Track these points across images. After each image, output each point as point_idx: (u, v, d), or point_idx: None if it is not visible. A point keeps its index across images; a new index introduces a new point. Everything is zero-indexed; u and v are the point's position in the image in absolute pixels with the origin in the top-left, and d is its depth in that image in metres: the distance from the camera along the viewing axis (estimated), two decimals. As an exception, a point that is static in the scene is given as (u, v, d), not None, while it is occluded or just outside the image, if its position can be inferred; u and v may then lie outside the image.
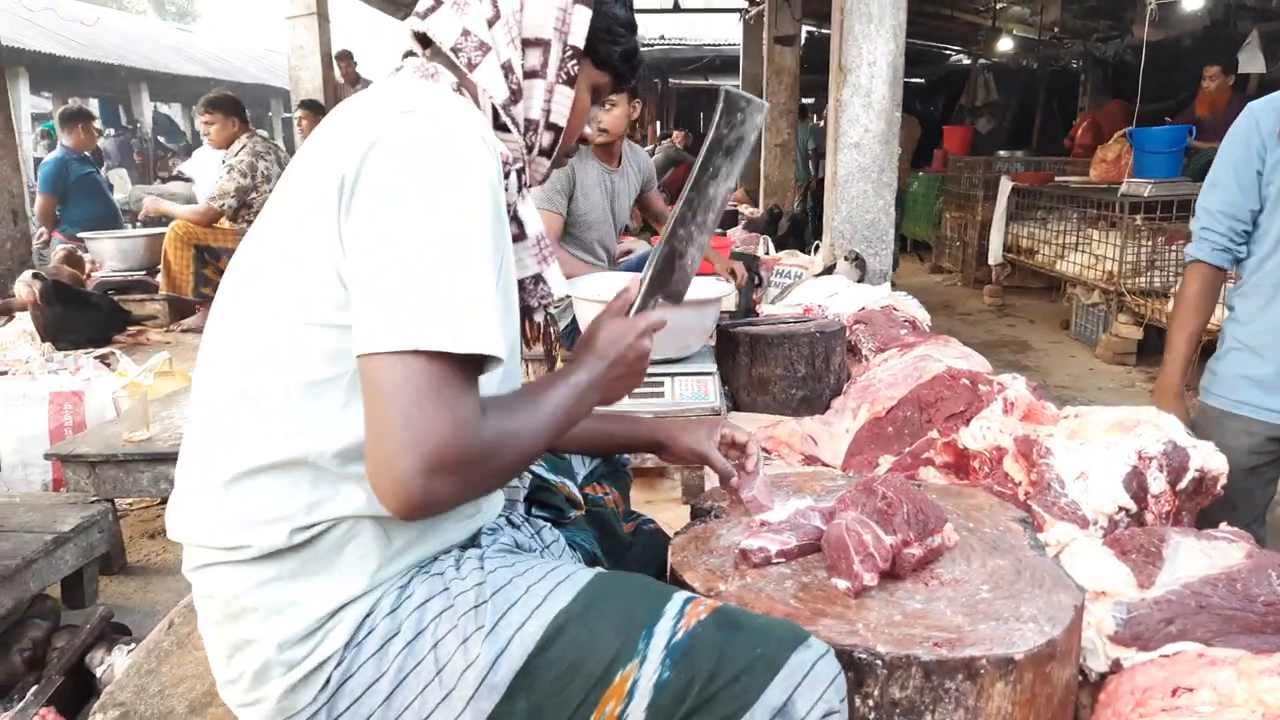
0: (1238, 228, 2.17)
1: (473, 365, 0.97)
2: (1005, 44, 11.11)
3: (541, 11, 1.17)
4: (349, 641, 1.03)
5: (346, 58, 8.94)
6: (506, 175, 1.16)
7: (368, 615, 1.04)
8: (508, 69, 1.17)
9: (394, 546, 1.07)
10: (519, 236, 1.26)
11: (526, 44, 1.18)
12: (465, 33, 1.16)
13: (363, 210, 0.97)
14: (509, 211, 1.21)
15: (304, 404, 1.01)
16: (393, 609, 1.05)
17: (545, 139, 1.24)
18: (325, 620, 1.03)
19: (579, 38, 1.19)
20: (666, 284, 1.34)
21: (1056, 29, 10.43)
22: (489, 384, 1.12)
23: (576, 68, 1.21)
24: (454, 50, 1.17)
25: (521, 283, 1.28)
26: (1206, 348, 2.40)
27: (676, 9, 12.64)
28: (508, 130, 1.20)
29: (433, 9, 1.19)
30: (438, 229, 0.95)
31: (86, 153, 6.65)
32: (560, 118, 1.23)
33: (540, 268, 1.29)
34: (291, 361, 1.02)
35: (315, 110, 7.38)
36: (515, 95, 1.19)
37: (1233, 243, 2.18)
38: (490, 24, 1.17)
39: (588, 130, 1.30)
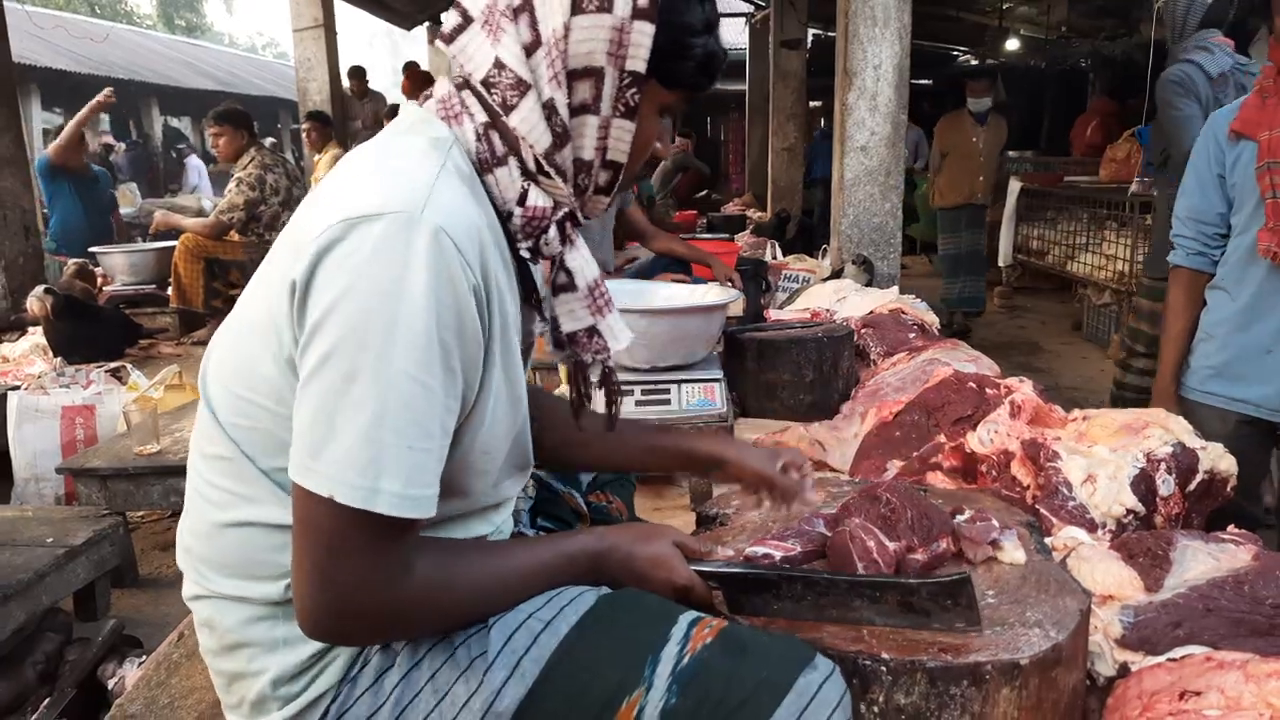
0: (1207, 230, 2.29)
1: (389, 522, 0.90)
2: (1012, 44, 11.08)
3: (592, 35, 0.97)
4: (344, 676, 1.03)
5: (358, 75, 9.01)
6: (545, 229, 1.06)
7: (363, 649, 1.03)
8: (550, 109, 0.99)
9: None
10: (567, 286, 1.13)
11: (574, 76, 0.99)
12: (499, 65, 0.99)
13: (307, 328, 0.90)
14: (556, 261, 1.11)
15: (280, 483, 0.98)
16: (385, 643, 1.04)
17: (602, 178, 1.06)
18: (320, 656, 1.03)
19: (639, 61, 0.99)
20: (742, 592, 1.17)
21: (1064, 28, 10.40)
22: (489, 468, 1.06)
23: (638, 96, 1.01)
24: (486, 85, 1.01)
25: (574, 335, 1.17)
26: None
27: (682, 15, 12.65)
28: (551, 176, 1.04)
29: (461, 28, 1.02)
30: (367, 371, 0.87)
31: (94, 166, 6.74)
32: (619, 154, 1.04)
33: (594, 319, 1.16)
34: (267, 442, 0.99)
35: (323, 122, 7.43)
36: (561, 139, 1.01)
37: (1207, 246, 2.30)
38: (529, 51, 0.98)
39: (658, 146, 1.16)
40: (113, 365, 3.81)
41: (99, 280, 5.58)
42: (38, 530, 2.56)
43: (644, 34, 0.98)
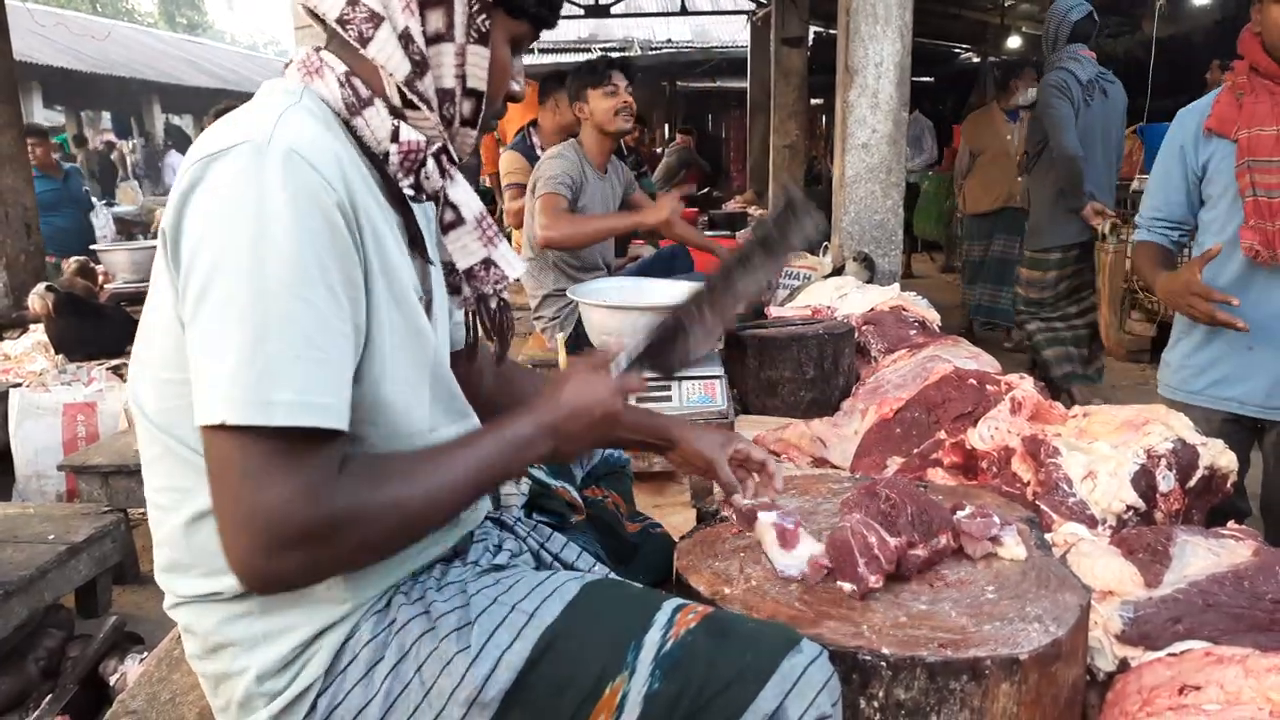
0: (1172, 233, 2.32)
1: (298, 436, 0.89)
2: (1014, 41, 11.06)
3: None
4: (330, 668, 1.03)
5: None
6: (423, 162, 1.08)
7: (347, 640, 1.03)
8: (406, 38, 1.04)
9: (364, 570, 1.04)
10: (455, 222, 1.17)
11: (425, 5, 1.04)
12: (352, 2, 1.03)
13: (181, 270, 0.92)
14: (439, 198, 1.14)
15: None
16: (374, 635, 1.04)
17: (466, 107, 1.11)
18: (302, 649, 1.03)
19: None
20: (661, 356, 1.26)
21: (1065, 26, 10.37)
22: (414, 403, 1.06)
23: (488, 23, 1.07)
24: (341, 23, 1.03)
25: (471, 270, 1.20)
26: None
27: (684, 12, 12.66)
28: (418, 108, 1.07)
29: None
30: (242, 293, 0.88)
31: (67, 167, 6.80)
32: (479, 81, 1.09)
33: (488, 250, 1.20)
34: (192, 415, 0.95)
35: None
36: (420, 67, 1.05)
37: (1171, 233, 2.33)
38: None
39: (515, 87, 1.16)
40: (114, 362, 3.82)
41: (100, 278, 5.59)
42: (39, 527, 2.56)
43: None
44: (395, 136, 1.05)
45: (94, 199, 8.02)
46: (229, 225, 0.89)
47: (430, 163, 1.09)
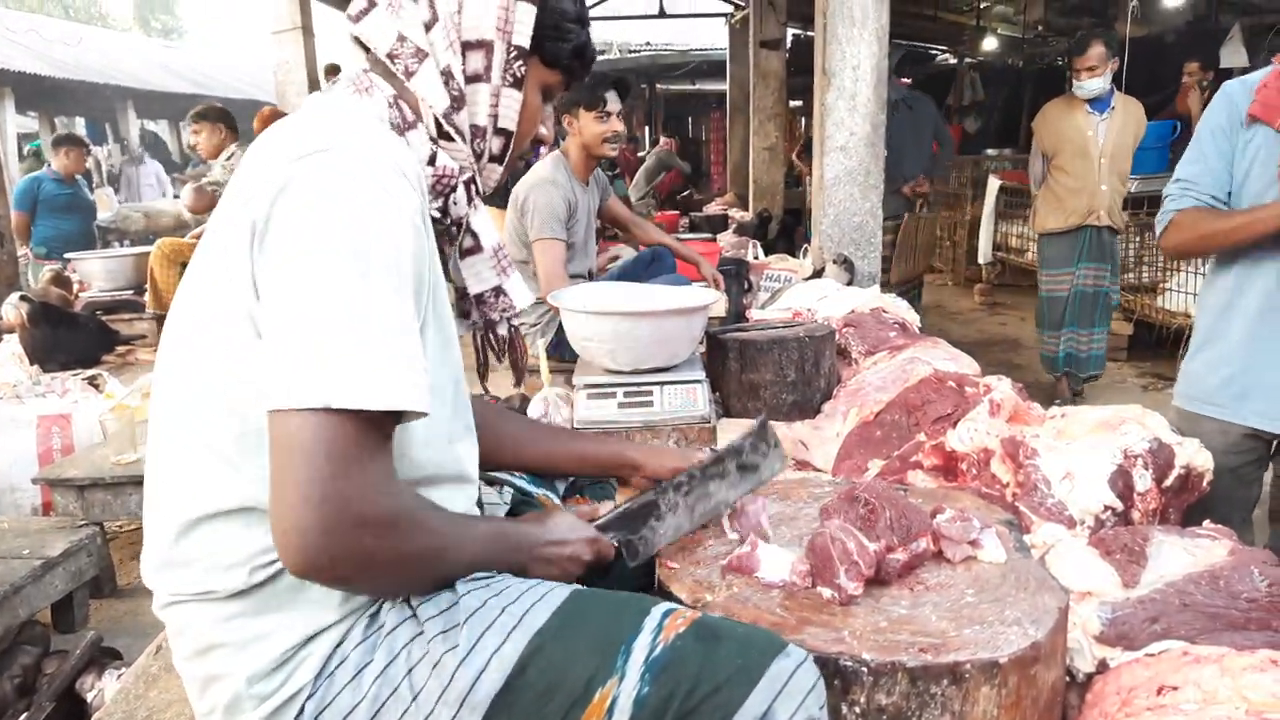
0: (1220, 195, 2.08)
1: (384, 423, 0.94)
2: (990, 43, 11.16)
3: (482, 11, 1.13)
4: (320, 672, 1.02)
5: (335, 71, 8.97)
6: (454, 188, 1.15)
7: (339, 645, 1.03)
8: (447, 75, 1.13)
9: None
10: (474, 249, 1.24)
11: (467, 46, 1.13)
12: (401, 38, 1.12)
13: (272, 260, 0.94)
14: (462, 224, 1.20)
15: (243, 453, 0.99)
16: (364, 638, 1.04)
17: (495, 145, 1.20)
18: (294, 652, 1.02)
19: (524, 37, 1.15)
20: (630, 530, 1.31)
21: (1040, 27, 10.48)
22: (438, 413, 1.09)
23: (523, 68, 1.16)
24: (390, 57, 1.13)
25: (481, 296, 1.27)
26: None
27: (662, 15, 12.67)
28: (452, 139, 1.16)
29: (365, 11, 1.15)
30: (344, 280, 0.92)
31: (78, 175, 6.79)
32: (509, 122, 1.18)
33: (500, 279, 1.27)
34: (228, 410, 1.00)
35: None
36: (457, 102, 1.14)
37: (1209, 200, 2.09)
38: (428, 28, 1.12)
39: (542, 131, 1.26)
40: (89, 373, 3.78)
41: (75, 286, 5.53)
42: (14, 542, 2.53)
43: (527, 13, 1.15)
44: (432, 160, 1.14)
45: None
46: (328, 221, 0.93)
47: (460, 189, 1.17)
